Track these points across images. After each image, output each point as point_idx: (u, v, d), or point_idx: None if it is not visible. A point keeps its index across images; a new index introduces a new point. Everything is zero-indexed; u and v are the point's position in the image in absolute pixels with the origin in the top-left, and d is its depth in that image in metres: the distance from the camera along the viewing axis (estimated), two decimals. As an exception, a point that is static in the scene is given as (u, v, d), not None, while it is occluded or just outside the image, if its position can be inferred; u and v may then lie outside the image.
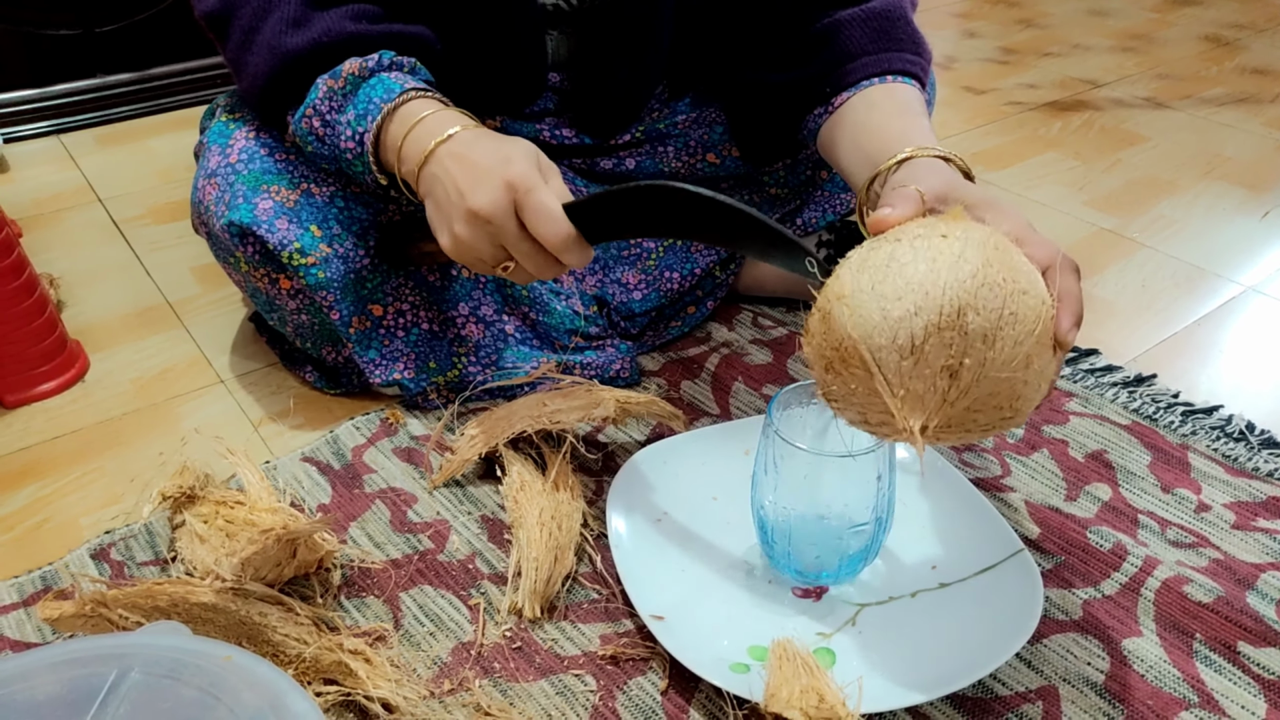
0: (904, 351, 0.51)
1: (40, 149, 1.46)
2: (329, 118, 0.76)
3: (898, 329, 0.51)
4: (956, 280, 0.51)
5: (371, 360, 0.87)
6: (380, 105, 0.74)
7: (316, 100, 0.76)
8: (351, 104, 0.75)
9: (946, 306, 0.51)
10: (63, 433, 0.90)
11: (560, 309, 0.91)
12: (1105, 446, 0.85)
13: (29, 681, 0.53)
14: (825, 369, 0.56)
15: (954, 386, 0.51)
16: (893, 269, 0.53)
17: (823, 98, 0.81)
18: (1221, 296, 1.08)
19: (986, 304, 0.51)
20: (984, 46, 1.83)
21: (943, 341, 0.51)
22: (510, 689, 0.65)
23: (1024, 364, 0.52)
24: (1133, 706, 0.63)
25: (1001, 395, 0.53)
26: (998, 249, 0.54)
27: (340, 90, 0.76)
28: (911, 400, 0.52)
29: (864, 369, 0.53)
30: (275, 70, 0.78)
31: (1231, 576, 0.72)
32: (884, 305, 0.52)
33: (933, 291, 0.51)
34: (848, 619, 0.68)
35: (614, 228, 0.69)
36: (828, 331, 0.55)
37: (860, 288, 0.54)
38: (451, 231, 0.71)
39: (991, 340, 0.51)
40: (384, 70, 0.76)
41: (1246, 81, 1.67)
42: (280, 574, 0.69)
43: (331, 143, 0.77)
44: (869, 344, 0.52)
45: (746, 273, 1.01)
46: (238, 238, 0.82)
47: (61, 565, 0.74)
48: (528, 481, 0.76)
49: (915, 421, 0.52)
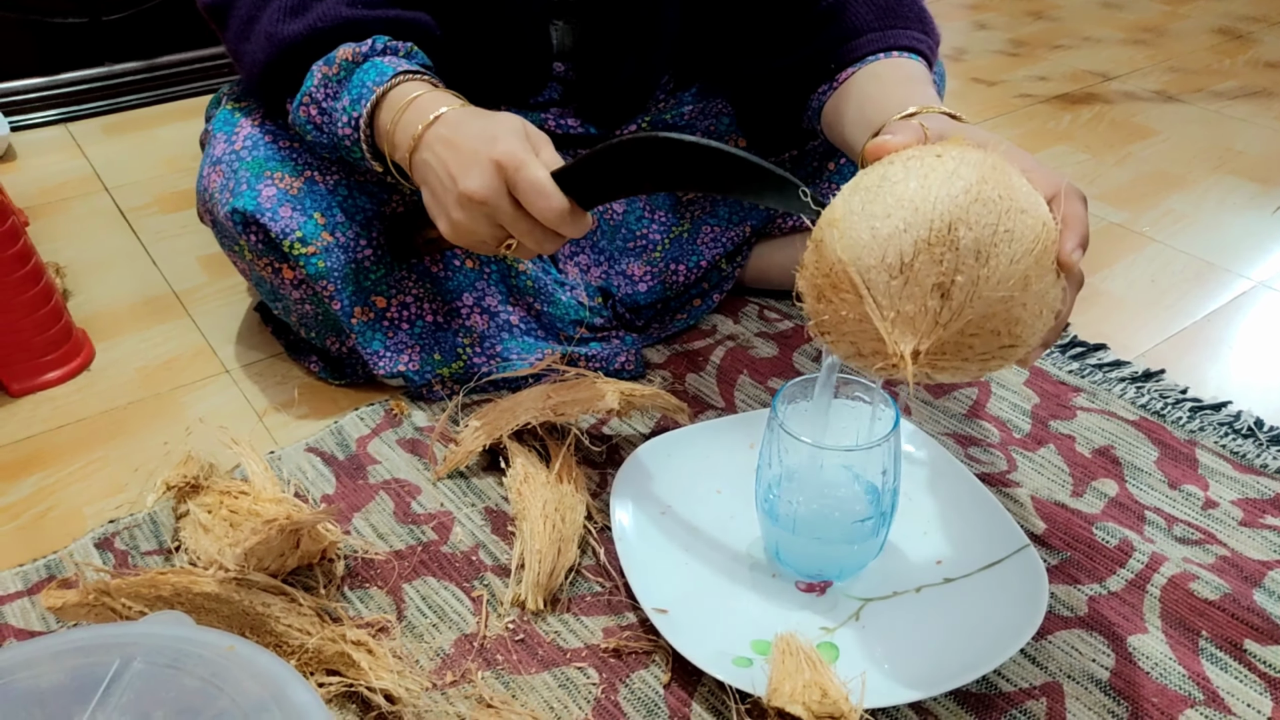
0: (893, 270, 0.50)
1: (47, 137, 1.46)
2: (325, 105, 0.76)
3: (886, 246, 0.50)
4: (948, 195, 0.49)
5: (375, 351, 0.87)
6: (373, 89, 0.73)
7: (312, 88, 0.76)
8: (346, 89, 0.75)
9: (937, 221, 0.49)
10: (68, 421, 0.90)
11: (565, 300, 0.91)
12: (1112, 442, 0.84)
13: (33, 670, 0.53)
14: (817, 298, 0.54)
15: (946, 306, 0.49)
16: (883, 188, 0.52)
17: (827, 74, 0.81)
18: (1231, 292, 1.08)
19: (980, 219, 0.49)
20: (994, 38, 1.82)
21: (933, 258, 0.49)
22: (513, 681, 0.65)
23: (1021, 285, 0.50)
24: (1138, 704, 0.63)
25: (998, 319, 0.50)
26: (995, 168, 0.51)
27: (335, 77, 0.75)
28: (902, 322, 0.50)
29: (854, 292, 0.51)
30: (272, 58, 0.77)
31: (1239, 574, 0.72)
32: (873, 224, 0.50)
33: (922, 207, 0.49)
34: (851, 614, 0.68)
35: (607, 188, 0.68)
36: (819, 259, 0.53)
37: (851, 209, 0.52)
38: (449, 217, 0.71)
39: (985, 257, 0.49)
40: (378, 55, 0.76)
41: (1259, 75, 1.65)
42: (284, 564, 0.69)
43: (329, 130, 0.77)
44: (858, 265, 0.50)
45: (753, 265, 1.01)
46: (241, 225, 0.81)
47: (66, 554, 0.74)
48: (531, 473, 0.76)
49: (907, 345, 0.50)
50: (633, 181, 0.67)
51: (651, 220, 0.99)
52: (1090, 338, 0.97)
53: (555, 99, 0.93)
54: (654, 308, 0.98)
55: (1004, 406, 0.88)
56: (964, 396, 0.90)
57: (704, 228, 0.99)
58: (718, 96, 0.95)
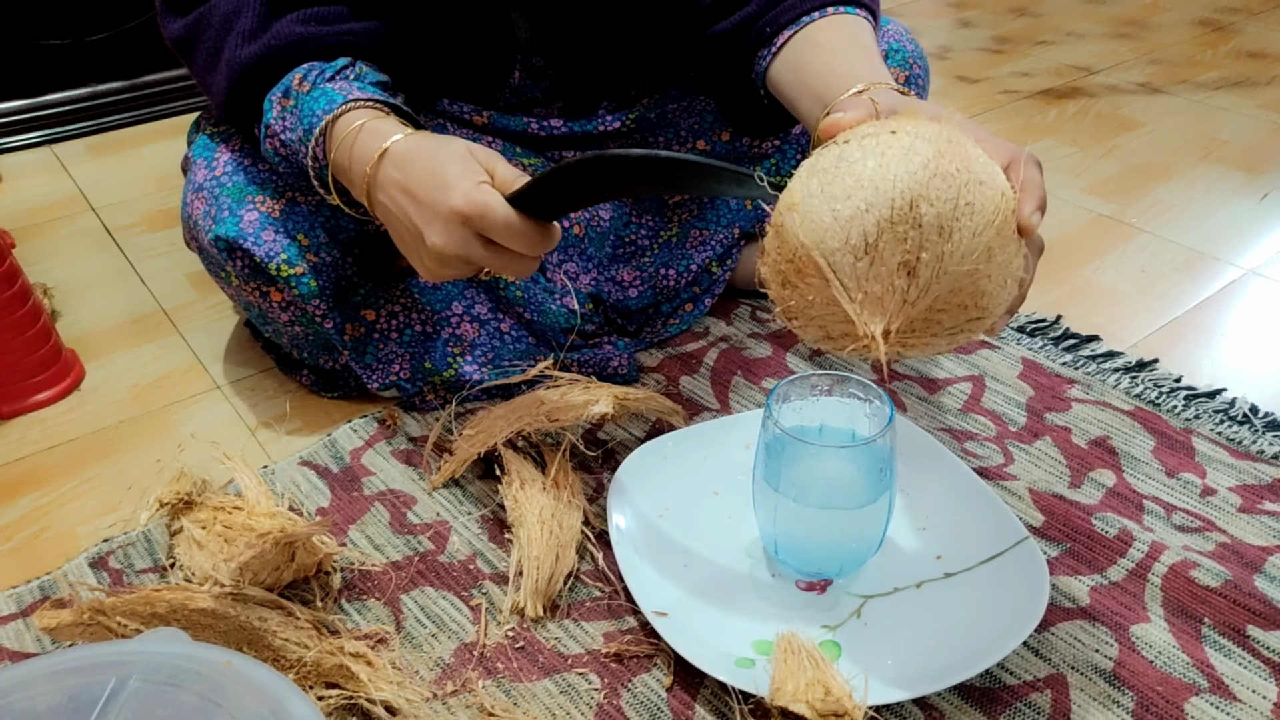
0: (858, 252, 0.49)
1: (32, 159, 1.45)
2: (284, 138, 0.75)
3: (849, 228, 0.49)
4: (907, 172, 0.49)
5: (368, 365, 0.86)
6: (321, 116, 0.72)
7: (271, 120, 0.75)
8: (299, 120, 0.73)
9: (898, 200, 0.49)
10: (59, 442, 0.89)
11: (554, 309, 0.90)
12: (1108, 433, 0.84)
13: (29, 691, 0.53)
14: (782, 284, 0.54)
15: (913, 285, 0.49)
16: (841, 169, 0.51)
17: (765, 38, 0.79)
18: (1222, 280, 1.08)
19: (940, 194, 0.49)
20: (978, 36, 1.82)
21: (896, 236, 0.49)
22: (514, 689, 0.64)
23: (985, 256, 0.50)
24: (1142, 693, 0.63)
25: (964, 292, 0.50)
26: (950, 141, 0.51)
27: (289, 108, 0.74)
28: (870, 303, 0.50)
29: (819, 276, 0.51)
30: (232, 84, 0.77)
31: (1239, 560, 0.71)
32: (834, 206, 0.50)
33: (883, 186, 0.49)
34: (852, 611, 0.67)
35: (565, 204, 0.67)
36: (781, 244, 0.53)
37: (810, 193, 0.52)
38: (424, 265, 0.69)
39: (948, 232, 0.49)
40: (328, 82, 0.74)
41: (1242, 65, 1.66)
42: (279, 578, 0.69)
43: (296, 163, 0.75)
44: (822, 249, 0.50)
45: (743, 267, 1.01)
46: (225, 252, 0.81)
47: (60, 574, 0.74)
48: (527, 480, 0.76)
49: (876, 326, 0.50)
50: (593, 193, 0.67)
51: (640, 226, 0.99)
52: (1083, 329, 0.98)
53: (538, 97, 0.93)
54: (645, 313, 0.98)
55: (999, 400, 0.88)
56: (959, 391, 0.90)
57: (692, 231, 0.98)
58: (701, 93, 0.95)
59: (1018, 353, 0.94)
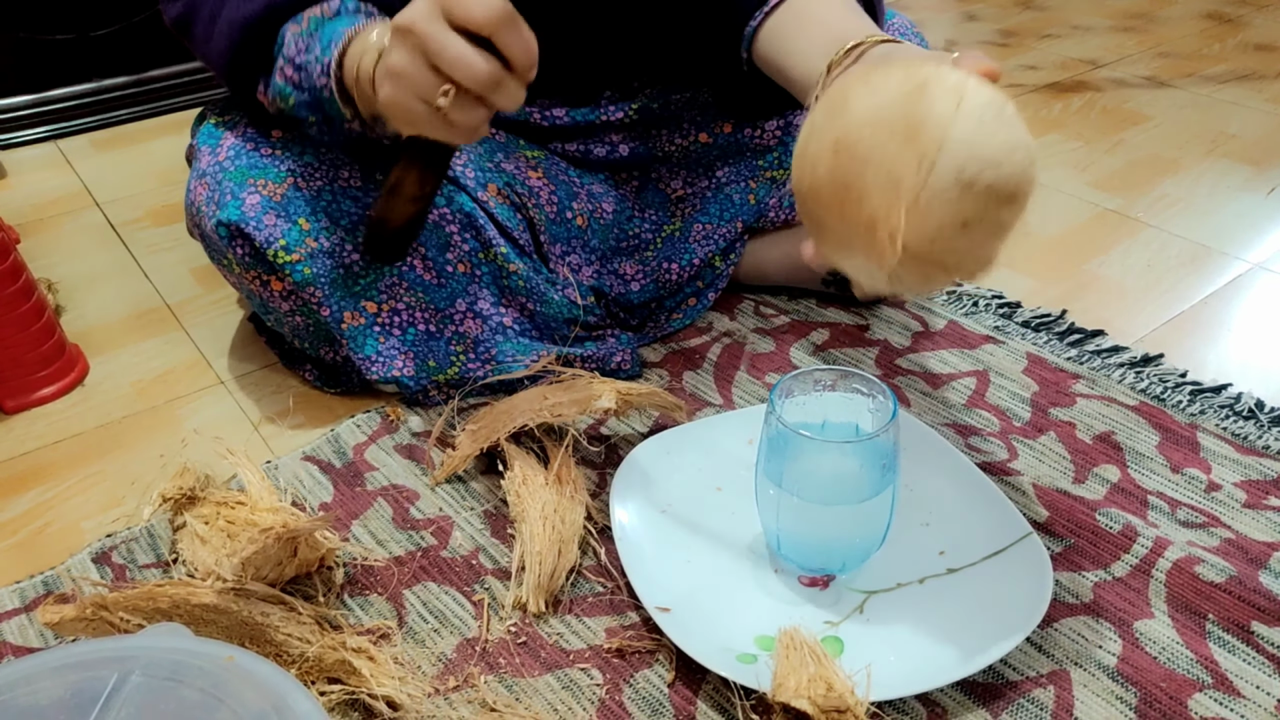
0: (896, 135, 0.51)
1: (37, 154, 1.45)
2: (298, 60, 0.75)
3: (880, 114, 0.52)
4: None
5: (368, 357, 0.86)
6: (344, 33, 0.72)
7: (285, 48, 0.76)
8: (317, 40, 0.74)
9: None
10: (63, 437, 0.89)
11: (557, 299, 0.90)
12: (1113, 428, 0.84)
13: (31, 686, 0.53)
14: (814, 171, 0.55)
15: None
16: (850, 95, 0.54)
17: (758, 1, 0.77)
18: (1228, 274, 1.07)
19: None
20: (983, 29, 1.81)
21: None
22: (516, 684, 0.64)
23: None
24: (1146, 689, 0.63)
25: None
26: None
27: (306, 31, 0.74)
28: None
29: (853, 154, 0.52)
30: (237, 42, 0.77)
31: (1244, 556, 0.71)
32: (867, 100, 0.53)
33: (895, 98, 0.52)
34: (855, 606, 0.67)
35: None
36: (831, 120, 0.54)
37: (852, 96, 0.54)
38: (387, 69, 0.66)
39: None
40: (349, 13, 0.75)
41: (1249, 58, 1.65)
42: (282, 573, 0.69)
43: (308, 86, 0.75)
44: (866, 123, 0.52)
45: (746, 261, 1.01)
46: (227, 238, 0.81)
47: (63, 569, 0.74)
48: (530, 476, 0.76)
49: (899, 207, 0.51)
50: None
51: (643, 219, 0.99)
52: (1088, 324, 0.97)
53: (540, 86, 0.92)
54: (648, 307, 0.98)
55: (1003, 395, 0.88)
56: (962, 386, 0.89)
57: (695, 225, 0.98)
58: (703, 85, 0.95)
59: (1022, 347, 0.94)
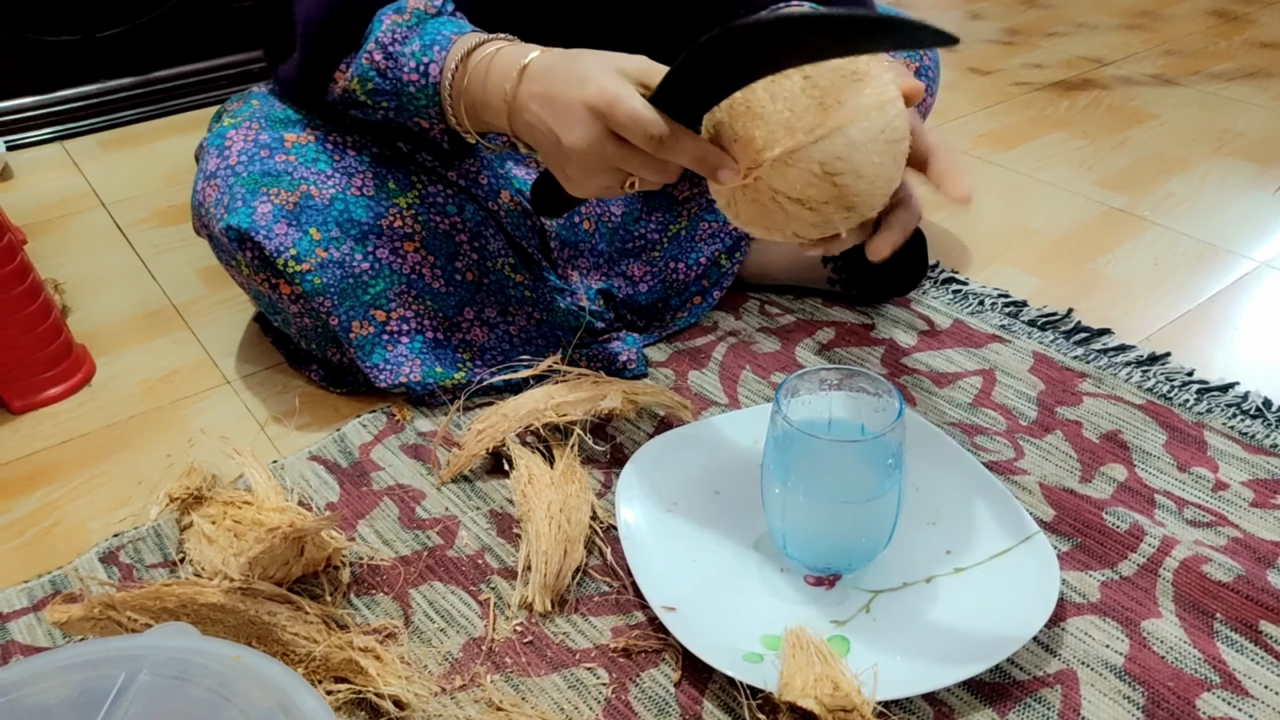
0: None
1: (44, 155, 1.46)
2: (391, 49, 0.75)
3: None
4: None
5: (375, 365, 0.86)
6: (450, 37, 0.73)
7: (380, 33, 0.76)
8: (418, 35, 0.74)
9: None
10: (70, 437, 0.89)
11: (564, 306, 0.90)
12: (1120, 427, 0.84)
13: (39, 685, 0.53)
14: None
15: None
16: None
17: (766, 4, 0.79)
18: (1234, 273, 1.07)
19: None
20: (988, 28, 1.81)
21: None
22: (522, 684, 0.64)
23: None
24: (1153, 689, 0.62)
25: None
26: None
27: (406, 23, 0.75)
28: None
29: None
30: (336, 4, 0.77)
31: (1251, 555, 0.71)
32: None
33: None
34: (861, 606, 0.67)
35: (708, 94, 0.63)
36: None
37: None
38: (565, 175, 0.69)
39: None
40: (450, 15, 0.76)
41: (1256, 56, 1.65)
42: (288, 573, 0.69)
43: (393, 76, 0.76)
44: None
45: (751, 260, 1.00)
46: (236, 242, 0.81)
47: (70, 569, 0.74)
48: (535, 475, 0.76)
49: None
50: (735, 77, 0.62)
51: (649, 220, 0.99)
52: (1094, 322, 0.97)
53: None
54: (655, 307, 0.97)
55: (1009, 394, 0.88)
56: (968, 385, 0.89)
57: (701, 224, 0.98)
58: None
59: (1028, 346, 0.94)
